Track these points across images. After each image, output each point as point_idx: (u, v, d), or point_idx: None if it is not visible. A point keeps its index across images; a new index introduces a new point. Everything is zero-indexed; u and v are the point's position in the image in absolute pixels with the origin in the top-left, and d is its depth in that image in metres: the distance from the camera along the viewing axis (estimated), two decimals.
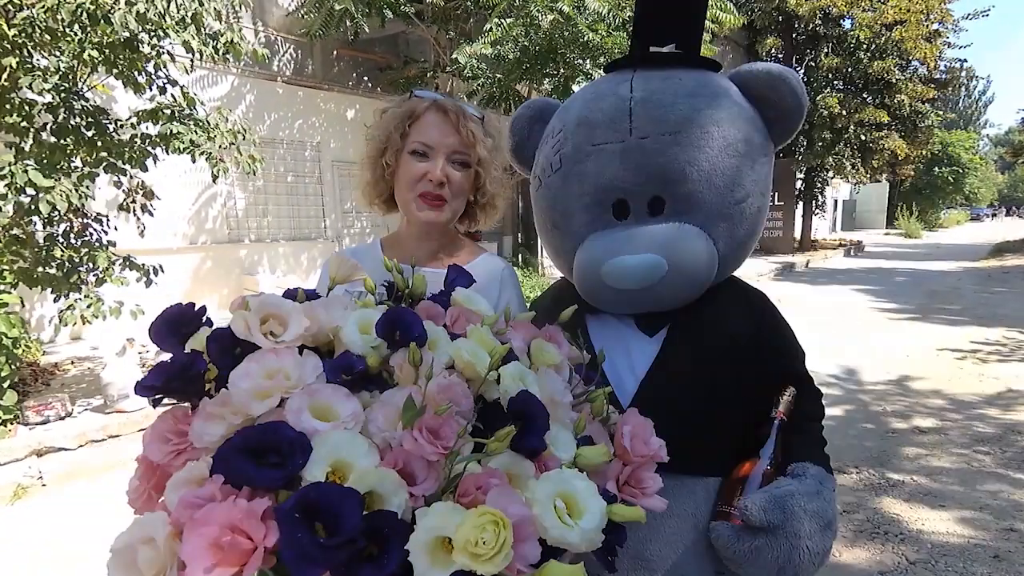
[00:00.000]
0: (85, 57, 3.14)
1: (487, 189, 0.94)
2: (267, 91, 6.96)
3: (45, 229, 3.57)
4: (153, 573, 0.41)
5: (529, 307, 1.07)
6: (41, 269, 3.45)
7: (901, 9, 11.62)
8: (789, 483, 0.77)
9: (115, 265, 3.72)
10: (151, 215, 4.23)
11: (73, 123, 3.38)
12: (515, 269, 1.07)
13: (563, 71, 6.27)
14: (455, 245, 1.00)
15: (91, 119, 3.43)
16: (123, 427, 3.49)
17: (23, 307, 3.53)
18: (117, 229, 4.06)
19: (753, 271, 9.99)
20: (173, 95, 3.75)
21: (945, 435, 3.29)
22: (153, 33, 3.24)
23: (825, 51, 13.03)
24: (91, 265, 3.59)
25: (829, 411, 0.97)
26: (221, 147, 3.76)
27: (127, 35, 3.08)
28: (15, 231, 3.39)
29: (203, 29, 3.39)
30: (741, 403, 0.87)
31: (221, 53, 3.55)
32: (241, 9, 4.00)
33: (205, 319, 0.62)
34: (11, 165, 2.92)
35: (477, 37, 6.07)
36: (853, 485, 2.71)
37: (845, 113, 12.24)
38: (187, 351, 0.58)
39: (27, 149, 3.24)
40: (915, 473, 2.83)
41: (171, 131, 3.52)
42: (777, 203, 13.79)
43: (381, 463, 0.47)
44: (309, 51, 7.46)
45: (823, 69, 12.90)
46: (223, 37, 3.52)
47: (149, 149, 3.67)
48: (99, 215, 3.91)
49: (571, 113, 0.95)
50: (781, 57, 13.88)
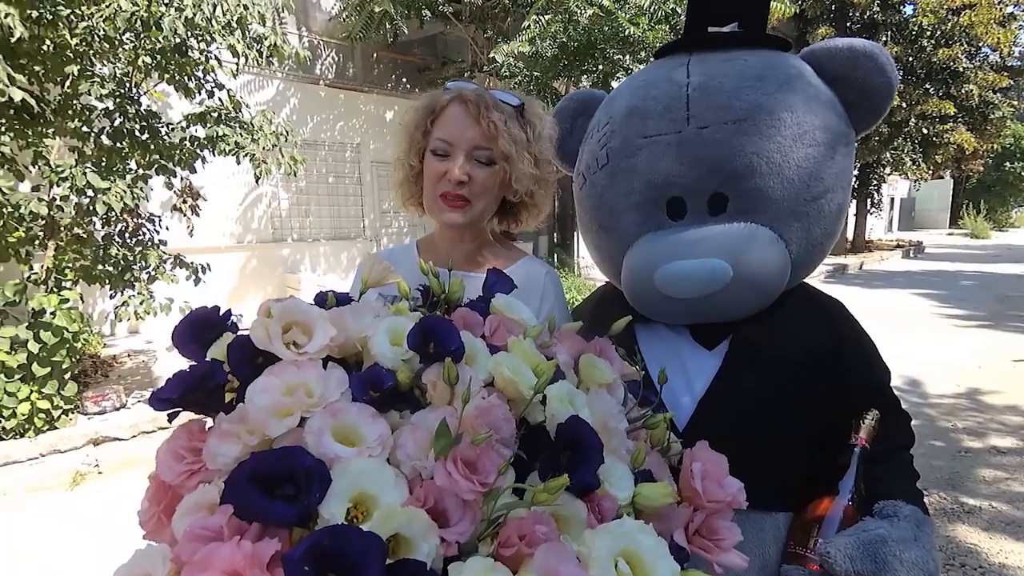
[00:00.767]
0: (139, 63, 3.28)
1: (519, 184, 0.84)
2: (310, 94, 7.14)
3: (102, 229, 3.77)
4: None
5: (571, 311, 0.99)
6: (99, 267, 3.63)
7: None
8: (879, 526, 0.66)
9: (166, 263, 3.88)
10: (197, 215, 4.40)
11: (128, 127, 3.54)
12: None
13: (602, 67, 6.14)
14: (493, 248, 0.93)
15: (145, 123, 3.59)
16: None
17: (83, 303, 3.73)
18: (168, 229, 4.24)
19: None
20: (220, 99, 3.88)
21: None
22: (201, 38, 3.35)
23: (884, 39, 12.25)
24: (144, 263, 3.76)
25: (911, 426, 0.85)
26: (264, 149, 3.85)
27: (177, 40, 3.19)
28: (76, 231, 3.58)
29: (248, 33, 3.48)
30: (815, 427, 0.76)
31: (265, 56, 3.64)
32: (285, 13, 4.09)
33: (230, 323, 0.58)
34: (72, 168, 3.08)
35: (515, 35, 6.02)
36: None
37: (905, 105, 11.47)
38: (208, 359, 0.53)
39: (87, 153, 3.41)
40: (994, 499, 2.56)
41: (217, 133, 3.64)
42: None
43: (409, 498, 0.41)
44: (350, 54, 7.62)
45: None
46: (267, 40, 3.60)
47: (197, 151, 3.81)
48: (152, 215, 4.09)
49: (619, 103, 0.86)
50: None
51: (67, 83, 3.18)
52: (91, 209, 3.20)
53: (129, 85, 3.48)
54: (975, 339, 5.63)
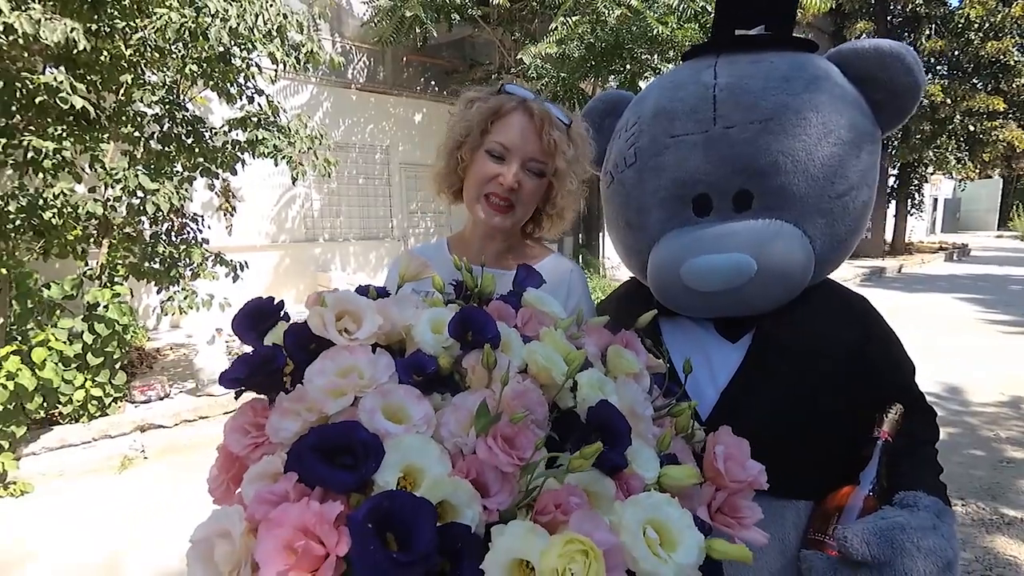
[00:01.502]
0: (187, 72, 3.46)
1: (557, 202, 0.89)
2: (342, 98, 7.34)
3: (151, 228, 3.97)
4: (229, 569, 0.41)
5: (596, 306, 1.02)
6: (147, 264, 3.84)
7: None
8: (898, 514, 0.67)
9: (208, 261, 4.06)
10: (232, 215, 4.59)
11: (175, 132, 3.73)
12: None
13: (630, 67, 6.11)
14: (521, 247, 0.97)
15: (191, 128, 3.78)
16: (211, 409, 3.80)
17: (132, 297, 3.95)
18: (210, 228, 4.44)
19: (836, 276, 9.15)
20: (260, 104, 4.05)
21: None
22: (243, 46, 3.50)
23: (927, 33, 11.76)
24: (188, 261, 3.95)
25: (936, 421, 0.85)
26: (300, 151, 4.00)
27: (221, 49, 3.35)
28: (127, 229, 3.79)
29: (287, 41, 3.62)
30: (837, 419, 0.77)
31: (303, 63, 3.77)
32: (320, 21, 4.23)
33: (283, 313, 0.63)
34: (125, 171, 3.27)
35: (542, 37, 6.05)
36: (960, 519, 2.40)
37: (950, 101, 10.97)
38: (267, 344, 0.59)
39: (138, 156, 3.61)
40: None
41: (257, 137, 3.80)
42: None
43: (453, 471, 0.45)
44: (380, 58, 7.79)
45: (924, 53, 11.64)
46: (304, 48, 3.74)
47: (238, 154, 3.98)
48: (195, 215, 4.30)
49: (647, 104, 0.89)
50: None
51: (121, 91, 3.38)
52: (141, 209, 3.38)
53: (177, 92, 3.67)
54: (1023, 346, 5.35)
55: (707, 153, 0.80)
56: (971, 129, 11.58)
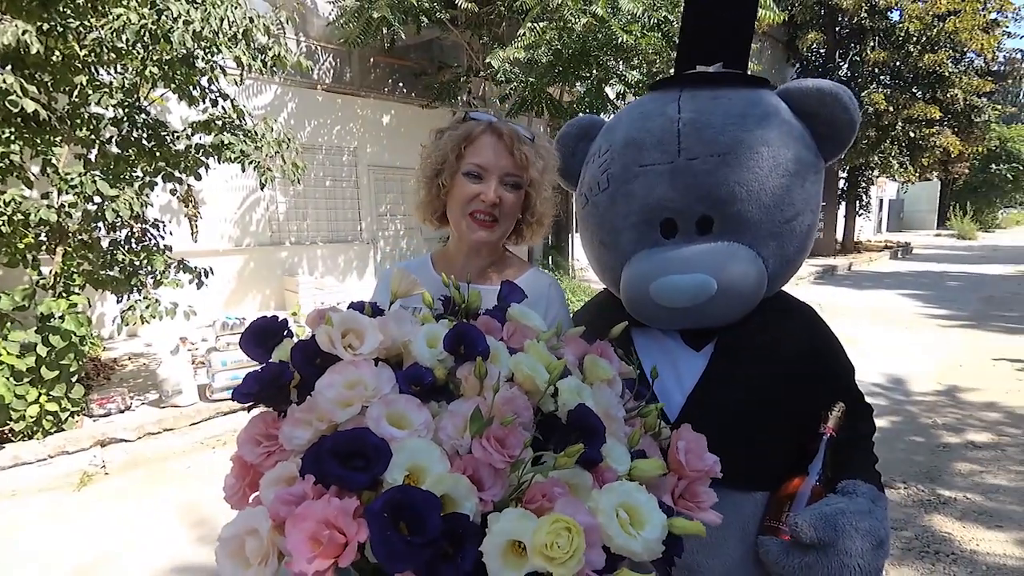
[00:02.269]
0: (146, 74, 3.36)
1: (536, 209, 0.97)
2: (308, 99, 7.22)
3: (109, 235, 3.83)
4: (258, 561, 0.46)
5: (572, 315, 1.10)
6: (104, 272, 3.70)
7: None
8: (839, 500, 0.78)
9: (170, 268, 3.95)
10: (198, 221, 4.48)
11: (135, 135, 3.62)
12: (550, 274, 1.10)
13: (596, 73, 6.27)
14: (503, 262, 1.04)
15: (151, 131, 3.67)
16: (176, 421, 3.70)
17: (89, 307, 3.79)
18: (172, 234, 4.31)
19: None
20: (224, 107, 3.96)
21: (1002, 451, 3.13)
22: (207, 49, 3.43)
23: (871, 45, 12.52)
24: (149, 268, 3.83)
25: (873, 417, 0.99)
26: (267, 156, 3.94)
27: (184, 52, 3.27)
28: (83, 237, 3.65)
29: (252, 44, 3.57)
30: (789, 418, 0.87)
31: (269, 66, 3.72)
32: (287, 23, 4.18)
33: (287, 331, 0.68)
34: (81, 176, 3.15)
35: (510, 41, 6.13)
36: (901, 501, 2.62)
37: (892, 109, 11.72)
38: (275, 361, 0.64)
39: (94, 160, 3.48)
40: (969, 490, 2.71)
41: (223, 142, 3.72)
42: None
43: (451, 469, 0.51)
44: (347, 59, 7.70)
45: (868, 64, 12.40)
46: (271, 51, 3.69)
47: (202, 159, 3.89)
48: (157, 221, 4.16)
49: (618, 133, 0.97)
50: (823, 52, 13.41)
51: (75, 92, 3.25)
52: (99, 216, 3.27)
53: (136, 94, 3.55)
54: (958, 338, 5.81)
55: (673, 182, 0.88)
56: (911, 135, 12.39)
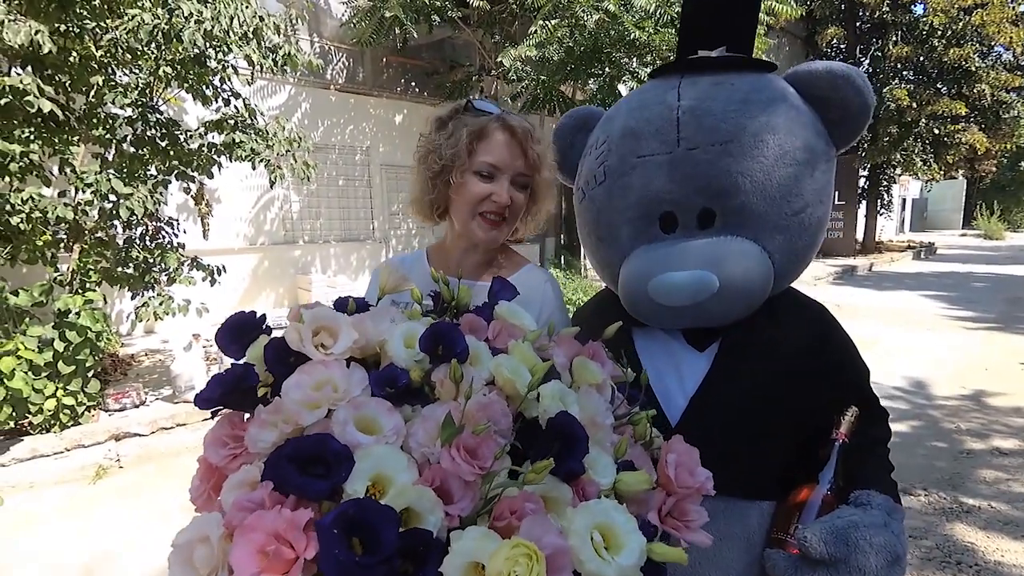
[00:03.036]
0: (160, 73, 3.40)
1: (541, 207, 0.95)
2: (321, 99, 7.27)
3: (124, 232, 3.89)
4: (207, 572, 0.44)
5: (572, 314, 1.05)
6: (120, 269, 3.76)
7: None
8: (852, 513, 0.72)
9: (184, 266, 4.00)
10: (209, 219, 4.53)
11: (149, 134, 3.67)
12: (557, 272, 1.06)
13: (609, 70, 6.20)
14: (500, 256, 1.00)
15: (165, 130, 3.71)
16: (189, 416, 3.75)
17: (105, 303, 3.86)
18: (185, 232, 4.37)
19: (809, 275, 9.46)
20: (236, 106, 4.00)
21: None
22: (219, 48, 3.46)
23: (893, 39, 12.17)
24: (163, 265, 3.88)
25: (894, 427, 0.92)
26: (278, 154, 3.96)
27: (196, 51, 3.31)
28: (99, 234, 3.71)
29: (263, 43, 3.59)
30: (798, 423, 0.82)
31: (280, 65, 3.74)
32: (298, 22, 4.20)
33: (264, 327, 0.65)
34: (96, 174, 3.20)
35: (522, 40, 6.09)
36: (921, 508, 2.52)
37: (916, 105, 11.38)
38: (242, 363, 0.61)
39: (110, 159, 3.54)
40: (993, 499, 2.59)
41: (234, 140, 3.75)
42: (837, 203, 12.98)
43: (419, 479, 0.48)
44: (360, 59, 7.74)
45: (891, 59, 12.05)
46: (282, 50, 3.71)
47: (215, 157, 3.93)
48: (171, 219, 4.22)
49: (615, 123, 0.92)
50: (844, 47, 13.07)
51: (92, 93, 3.30)
52: (114, 213, 3.32)
53: (150, 94, 3.61)
54: (983, 341, 5.60)
55: (671, 173, 0.83)
56: (936, 132, 12.01)
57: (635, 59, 6.21)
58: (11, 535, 2.54)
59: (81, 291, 3.47)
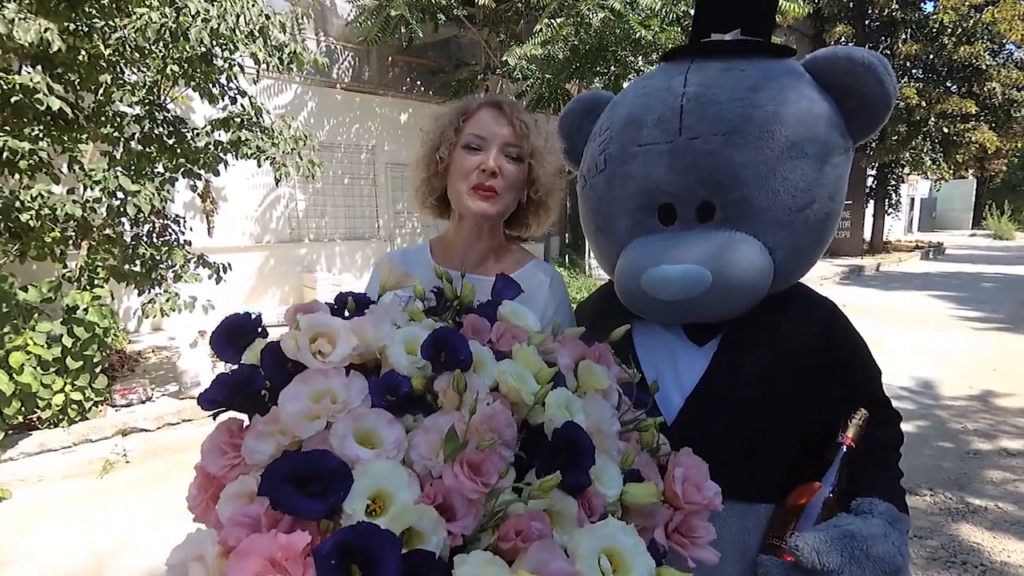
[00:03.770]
0: (168, 72, 3.41)
1: (541, 183, 0.90)
2: (327, 98, 7.27)
3: (132, 230, 3.91)
4: None
5: (575, 309, 1.03)
6: (127, 266, 3.78)
7: None
8: (851, 521, 0.69)
9: (190, 263, 4.01)
10: (214, 216, 4.54)
11: (156, 132, 3.68)
12: (561, 271, 1.05)
13: (614, 69, 6.16)
14: (504, 250, 0.98)
15: (172, 128, 3.72)
16: (195, 412, 3.76)
17: (113, 300, 3.88)
18: (192, 229, 4.38)
19: (816, 274, 9.37)
20: (243, 105, 4.00)
21: None
22: (225, 47, 3.46)
23: (903, 37, 12.01)
24: (170, 263, 3.90)
25: (901, 425, 0.88)
26: (284, 152, 3.97)
27: (203, 50, 3.31)
28: (107, 231, 3.73)
29: (269, 41, 3.59)
30: (801, 425, 0.78)
31: (286, 63, 3.74)
32: (304, 21, 4.20)
33: (260, 329, 0.64)
34: (105, 172, 3.21)
35: (527, 38, 6.07)
36: (927, 508, 2.49)
37: (925, 104, 11.23)
38: (246, 364, 0.59)
39: (118, 157, 3.55)
40: (1001, 499, 2.56)
41: (240, 138, 3.76)
42: (844, 202, 12.84)
43: (421, 494, 0.46)
44: (366, 58, 7.73)
45: (900, 57, 11.89)
46: (287, 48, 3.71)
47: (221, 155, 3.93)
48: (177, 216, 4.24)
49: (619, 110, 0.90)
50: (853, 45, 12.92)
51: (100, 91, 3.32)
52: (122, 211, 3.33)
53: (158, 92, 3.62)
54: (992, 341, 5.53)
55: (671, 163, 0.80)
56: (945, 131, 11.86)
57: (640, 58, 6.17)
58: (19, 528, 2.56)
59: (89, 287, 3.49)
